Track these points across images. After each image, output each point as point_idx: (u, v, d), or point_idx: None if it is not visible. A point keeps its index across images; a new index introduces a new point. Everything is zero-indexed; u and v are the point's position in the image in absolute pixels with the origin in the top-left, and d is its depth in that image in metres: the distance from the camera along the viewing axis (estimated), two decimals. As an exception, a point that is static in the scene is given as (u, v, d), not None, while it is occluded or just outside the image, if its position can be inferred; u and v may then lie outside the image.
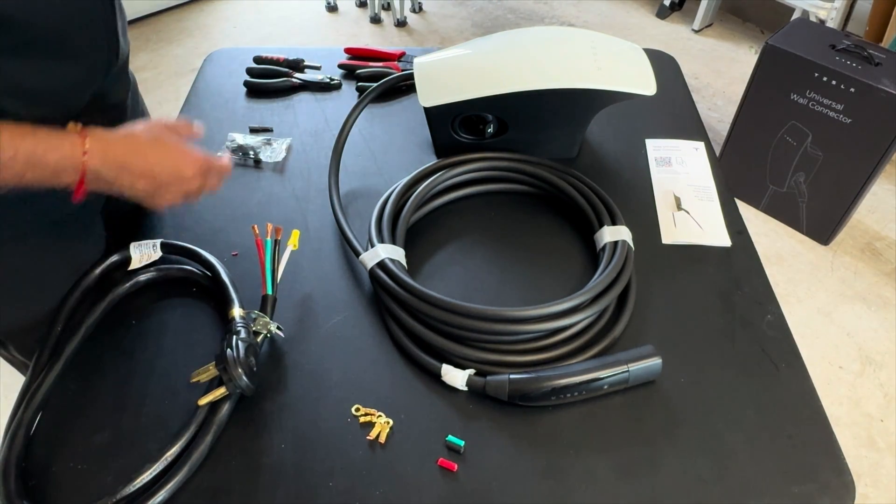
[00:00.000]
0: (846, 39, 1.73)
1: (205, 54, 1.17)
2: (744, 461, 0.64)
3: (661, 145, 0.99)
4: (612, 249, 0.77)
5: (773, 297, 0.78)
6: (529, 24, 2.84)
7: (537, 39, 0.89)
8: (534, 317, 0.68)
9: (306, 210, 0.88)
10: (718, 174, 0.94)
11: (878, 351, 1.70)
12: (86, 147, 0.60)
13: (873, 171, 1.74)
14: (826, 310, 1.79)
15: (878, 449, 1.51)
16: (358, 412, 0.67)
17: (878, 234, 2.00)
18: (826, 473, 0.63)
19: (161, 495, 0.59)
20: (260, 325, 0.69)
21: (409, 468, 0.63)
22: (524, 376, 0.66)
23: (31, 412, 0.65)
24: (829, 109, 1.72)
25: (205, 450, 0.62)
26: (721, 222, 0.87)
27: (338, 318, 0.75)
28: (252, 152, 0.95)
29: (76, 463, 0.63)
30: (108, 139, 0.64)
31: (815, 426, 0.67)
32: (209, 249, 0.78)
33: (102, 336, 0.73)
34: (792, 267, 1.90)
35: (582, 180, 0.86)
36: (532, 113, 0.87)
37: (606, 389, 0.67)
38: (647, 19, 2.89)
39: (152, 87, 2.48)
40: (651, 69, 0.86)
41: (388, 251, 0.75)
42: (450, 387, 0.68)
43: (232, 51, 1.16)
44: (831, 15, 2.25)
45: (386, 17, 2.87)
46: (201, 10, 2.91)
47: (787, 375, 0.71)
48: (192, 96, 1.07)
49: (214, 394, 0.63)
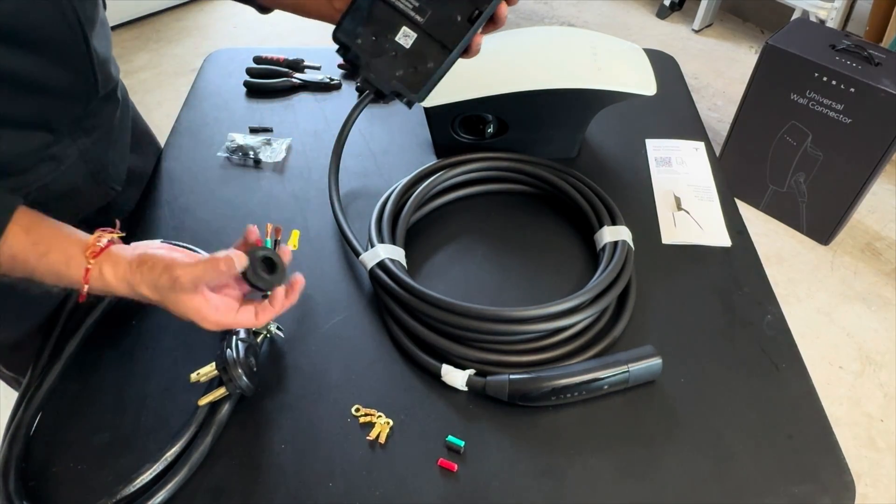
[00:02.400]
0: (846, 39, 1.73)
1: (205, 54, 1.17)
2: (744, 461, 0.64)
3: (661, 145, 0.99)
4: (612, 249, 0.77)
5: (773, 297, 0.78)
6: (529, 24, 2.84)
7: (537, 39, 0.89)
8: (534, 317, 0.68)
9: (306, 210, 0.88)
10: (718, 174, 0.94)
11: (878, 351, 1.70)
12: (89, 279, 0.57)
13: (873, 171, 1.74)
14: (826, 310, 1.79)
15: (878, 449, 1.51)
16: (358, 412, 0.67)
17: (878, 234, 2.00)
18: (826, 473, 0.63)
19: (161, 495, 0.58)
20: (260, 325, 0.69)
21: (409, 468, 0.63)
22: (524, 376, 0.66)
23: (31, 412, 0.65)
24: (829, 109, 1.72)
25: (205, 450, 0.62)
26: (721, 222, 0.87)
27: (338, 318, 0.75)
28: (252, 152, 0.95)
29: (76, 463, 0.63)
30: (120, 273, 0.58)
31: (815, 426, 0.67)
32: (209, 249, 0.78)
33: (102, 336, 0.73)
34: (792, 267, 1.90)
35: (582, 180, 0.86)
36: (532, 113, 0.87)
37: (606, 389, 0.67)
38: (647, 19, 2.89)
39: (152, 87, 2.48)
40: (651, 69, 0.86)
41: (388, 251, 0.75)
42: (450, 387, 0.68)
43: (232, 51, 1.16)
44: (831, 15, 2.25)
45: (386, 17, 2.87)
46: (201, 10, 2.91)
47: (787, 375, 0.71)
48: (192, 96, 1.07)
49: (214, 394, 0.63)
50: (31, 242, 0.57)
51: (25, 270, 0.57)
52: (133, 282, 0.58)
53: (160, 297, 0.58)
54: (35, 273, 0.58)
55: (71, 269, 0.57)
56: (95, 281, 0.58)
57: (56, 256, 0.57)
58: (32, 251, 0.57)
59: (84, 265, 0.57)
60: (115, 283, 0.58)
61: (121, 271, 0.58)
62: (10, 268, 0.57)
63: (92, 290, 0.58)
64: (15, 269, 0.57)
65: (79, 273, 0.57)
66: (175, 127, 1.01)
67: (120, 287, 0.58)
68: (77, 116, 0.71)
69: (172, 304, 0.58)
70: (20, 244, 0.56)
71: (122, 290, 0.58)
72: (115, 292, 0.59)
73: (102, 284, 0.58)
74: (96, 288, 0.58)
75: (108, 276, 0.58)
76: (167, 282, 0.57)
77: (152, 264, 0.58)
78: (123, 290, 0.59)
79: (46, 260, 0.57)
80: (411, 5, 0.60)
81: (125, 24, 2.75)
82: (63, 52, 0.64)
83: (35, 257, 0.57)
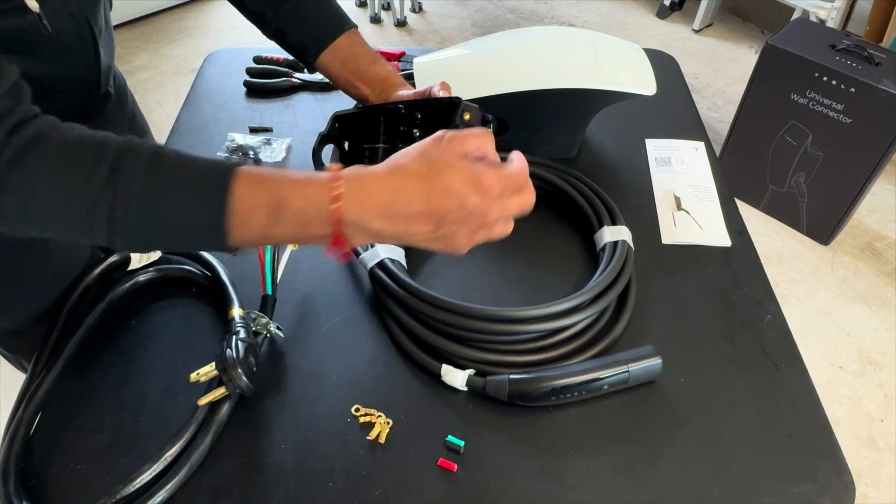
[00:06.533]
0: (846, 39, 1.73)
1: (205, 54, 1.17)
2: (744, 461, 0.64)
3: (661, 145, 0.99)
4: (612, 249, 0.77)
5: (773, 297, 0.78)
6: (529, 24, 2.84)
7: (537, 39, 0.89)
8: (534, 317, 0.68)
9: (306, 210, 0.88)
10: (718, 174, 0.94)
11: (878, 351, 1.70)
12: (337, 191, 0.48)
13: (873, 171, 1.74)
14: (826, 310, 1.79)
15: (878, 449, 1.51)
16: (358, 412, 0.66)
17: (878, 234, 2.00)
18: (826, 473, 0.63)
19: (161, 495, 0.58)
20: (260, 325, 0.69)
21: (408, 468, 0.63)
22: (524, 376, 0.66)
23: (31, 412, 0.65)
24: (829, 109, 1.72)
25: (205, 450, 0.62)
26: (721, 222, 0.87)
27: (338, 318, 0.75)
28: (252, 152, 0.95)
29: (76, 463, 0.63)
30: (368, 179, 0.49)
31: (814, 426, 0.67)
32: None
33: (102, 336, 0.73)
34: (792, 267, 1.90)
35: (582, 180, 0.86)
36: (532, 113, 0.87)
37: (606, 389, 0.67)
38: (647, 19, 2.89)
39: (152, 87, 2.48)
40: (651, 69, 0.86)
41: (388, 251, 0.75)
42: (450, 387, 0.68)
43: (232, 51, 1.16)
44: (831, 15, 2.25)
45: (386, 17, 2.87)
46: (201, 10, 2.91)
47: (787, 375, 0.71)
48: (192, 96, 1.07)
49: (214, 394, 0.63)
50: (259, 179, 0.49)
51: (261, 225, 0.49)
52: (387, 167, 0.49)
53: (425, 160, 0.49)
54: (274, 211, 0.49)
55: (309, 185, 0.49)
56: (348, 186, 0.48)
57: (292, 178, 0.49)
58: (268, 180, 0.49)
59: (327, 175, 0.49)
60: (370, 177, 0.49)
61: (369, 171, 0.49)
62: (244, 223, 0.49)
63: (345, 198, 0.48)
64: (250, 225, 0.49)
65: (321, 184, 0.48)
66: (175, 127, 1.01)
67: (376, 181, 0.49)
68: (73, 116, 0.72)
69: (441, 172, 0.48)
70: (248, 178, 0.49)
71: (381, 186, 0.49)
72: (369, 201, 0.49)
73: (357, 189, 0.49)
74: (350, 197, 0.48)
75: (357, 176, 0.49)
76: (434, 140, 0.49)
77: (406, 151, 0.50)
78: (383, 189, 0.49)
79: (283, 181, 0.49)
80: (384, 141, 0.66)
81: (125, 24, 2.75)
82: (75, 60, 0.66)
83: (271, 187, 0.48)
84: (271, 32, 0.77)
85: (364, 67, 0.74)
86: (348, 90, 0.76)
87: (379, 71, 0.74)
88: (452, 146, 0.50)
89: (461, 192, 0.48)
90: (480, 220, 0.51)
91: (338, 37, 0.75)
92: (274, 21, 0.75)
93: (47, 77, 0.63)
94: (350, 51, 0.75)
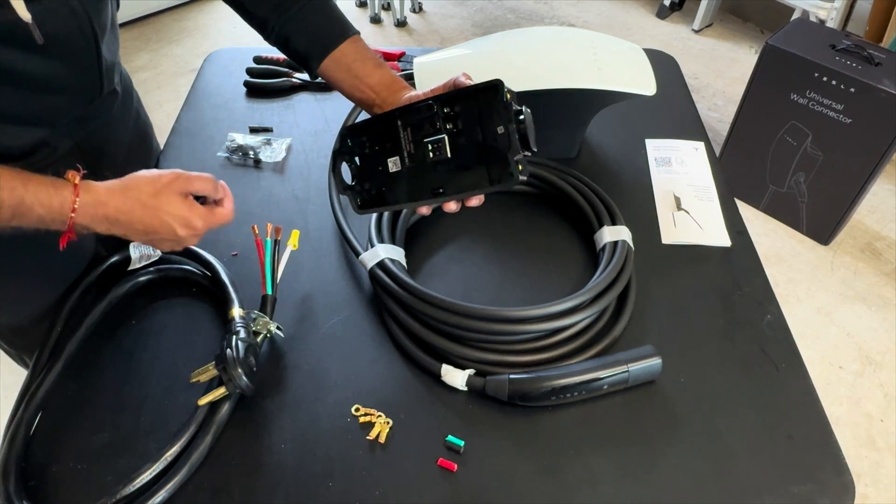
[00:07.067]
0: (846, 39, 1.73)
1: (205, 54, 1.17)
2: (744, 461, 0.64)
3: (661, 145, 0.99)
4: (611, 249, 0.77)
5: (773, 297, 0.78)
6: (529, 24, 2.84)
7: (537, 39, 0.89)
8: (534, 317, 0.68)
9: (306, 210, 0.88)
10: (718, 174, 0.94)
11: (878, 351, 1.70)
12: (76, 205, 0.59)
13: (873, 171, 1.74)
14: (826, 310, 1.79)
15: (878, 449, 1.51)
16: (358, 412, 0.67)
17: (878, 234, 2.00)
18: (826, 473, 0.63)
19: (161, 495, 0.58)
20: (260, 325, 0.69)
21: (408, 468, 0.63)
22: (524, 376, 0.66)
23: (31, 412, 0.65)
24: (829, 109, 1.72)
25: (205, 450, 0.62)
26: (721, 222, 0.87)
27: (338, 318, 0.75)
28: (252, 152, 0.95)
29: (76, 463, 0.63)
30: (103, 195, 0.61)
31: (815, 426, 0.67)
32: (209, 249, 0.78)
33: (102, 336, 0.73)
34: (792, 267, 1.90)
35: (582, 180, 0.86)
36: (532, 113, 0.86)
37: (606, 389, 0.67)
38: (647, 19, 2.89)
39: (152, 87, 2.47)
40: (651, 69, 0.86)
41: (388, 251, 0.75)
42: (450, 387, 0.68)
43: (232, 51, 1.16)
44: (831, 15, 2.25)
45: (386, 17, 2.87)
46: (201, 10, 2.91)
47: (787, 375, 0.71)
48: (192, 96, 1.07)
49: (214, 394, 0.63)
50: (10, 184, 0.57)
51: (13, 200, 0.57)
52: (121, 185, 0.61)
53: (153, 190, 0.61)
54: (16, 213, 0.57)
55: (54, 197, 0.58)
56: (86, 197, 0.59)
57: (39, 185, 0.58)
58: (18, 177, 0.57)
59: (70, 186, 0.59)
60: (105, 193, 0.60)
61: (105, 188, 0.61)
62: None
63: (80, 210, 0.59)
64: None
65: (64, 197, 0.58)
66: (175, 127, 1.01)
67: (109, 197, 0.60)
68: (77, 115, 0.72)
69: (160, 207, 0.61)
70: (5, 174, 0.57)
71: (112, 203, 0.60)
72: (101, 212, 0.60)
73: (93, 203, 0.60)
74: (86, 203, 0.59)
75: (94, 191, 0.60)
76: (169, 178, 0.62)
77: (145, 176, 0.62)
78: (113, 205, 0.61)
79: (33, 188, 0.57)
80: (408, 144, 0.64)
81: (125, 24, 2.75)
82: (75, 58, 0.66)
83: (21, 183, 0.57)
84: (274, 39, 0.77)
85: (369, 72, 0.74)
86: (353, 95, 0.76)
87: (384, 75, 0.74)
88: (179, 185, 0.63)
89: (172, 227, 0.63)
90: (184, 243, 0.66)
91: (341, 43, 0.75)
92: (277, 27, 0.75)
93: (47, 75, 0.64)
94: (354, 56, 0.75)
